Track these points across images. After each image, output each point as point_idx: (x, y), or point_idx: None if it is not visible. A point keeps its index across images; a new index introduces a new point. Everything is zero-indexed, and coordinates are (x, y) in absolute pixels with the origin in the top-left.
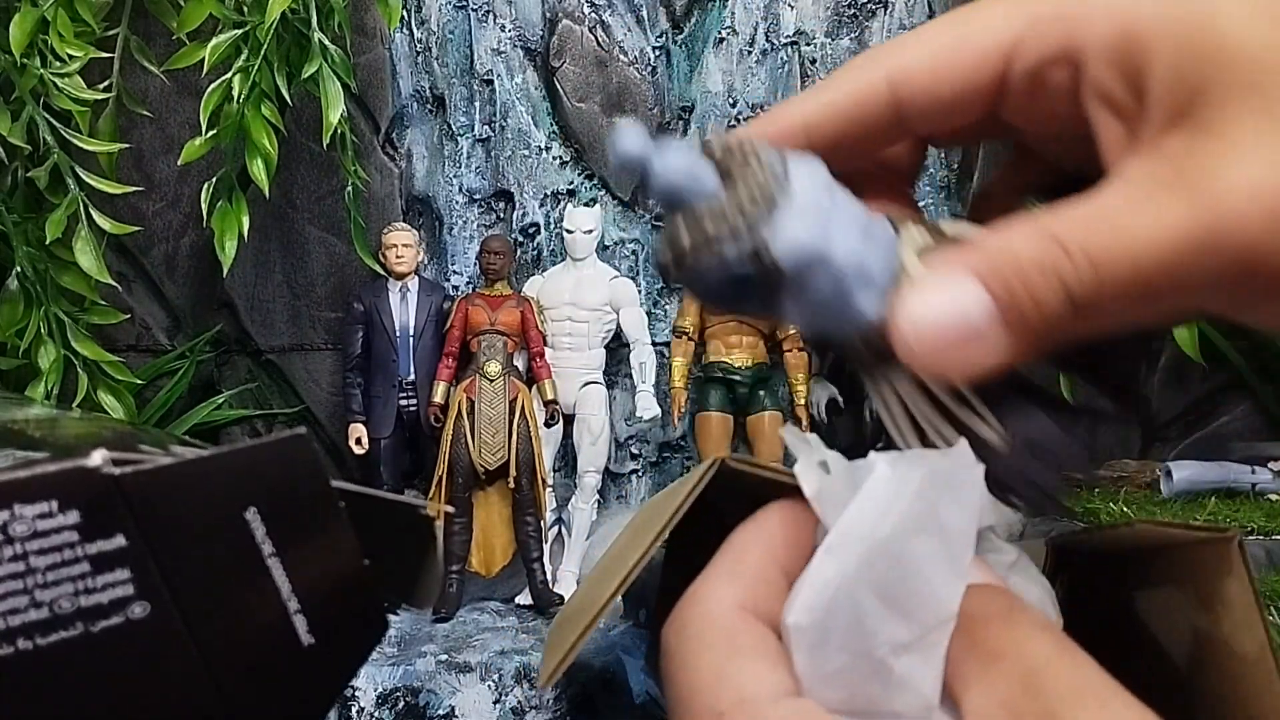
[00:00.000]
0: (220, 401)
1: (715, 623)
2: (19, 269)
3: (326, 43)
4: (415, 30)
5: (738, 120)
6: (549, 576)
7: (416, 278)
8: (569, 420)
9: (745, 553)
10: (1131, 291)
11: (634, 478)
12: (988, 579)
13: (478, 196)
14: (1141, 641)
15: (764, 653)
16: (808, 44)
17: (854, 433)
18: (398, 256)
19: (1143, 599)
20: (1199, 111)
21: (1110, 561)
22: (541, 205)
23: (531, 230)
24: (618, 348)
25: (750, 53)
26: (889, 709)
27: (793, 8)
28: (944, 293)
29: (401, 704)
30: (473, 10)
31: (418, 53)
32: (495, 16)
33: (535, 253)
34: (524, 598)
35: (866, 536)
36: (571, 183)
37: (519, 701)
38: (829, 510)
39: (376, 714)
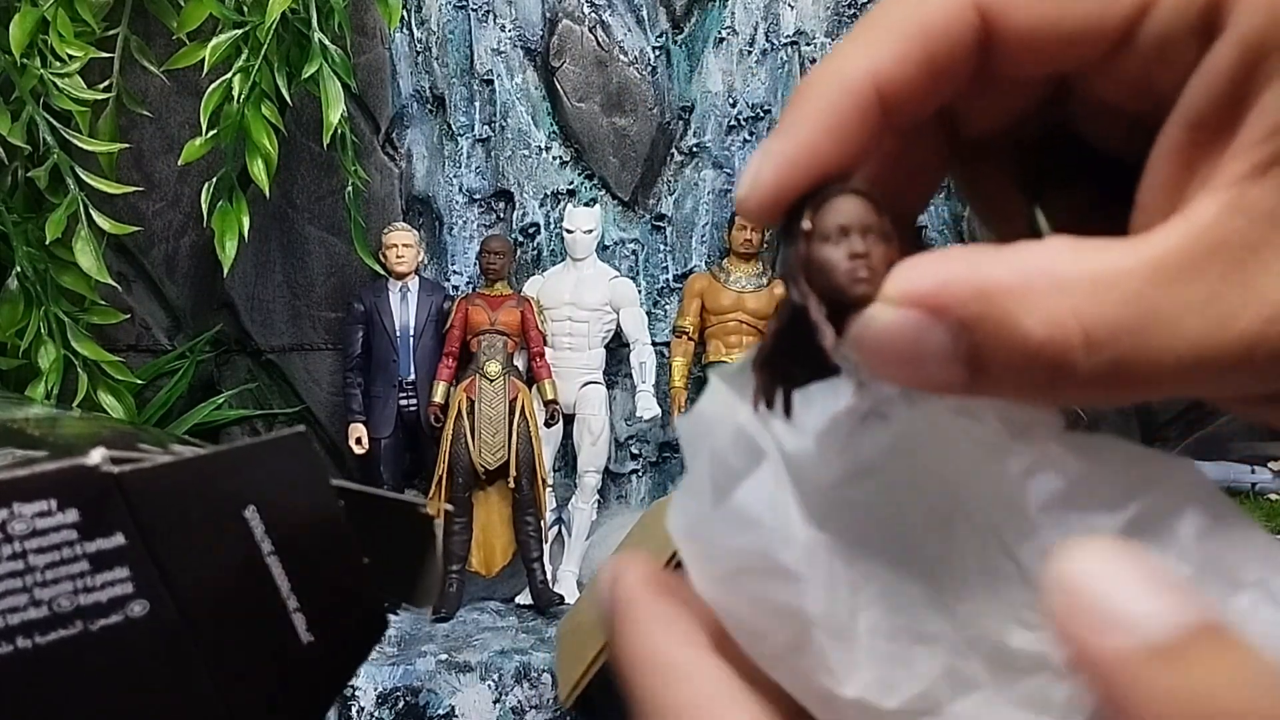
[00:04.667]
0: (220, 401)
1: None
2: (19, 269)
3: (326, 43)
4: (415, 30)
5: (738, 120)
6: (549, 576)
7: (417, 278)
8: (569, 420)
9: None
10: (1140, 390)
11: (634, 478)
12: None
13: (478, 196)
14: None
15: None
16: (808, 44)
17: None
18: (398, 256)
19: None
20: None
21: None
22: (541, 205)
23: (531, 230)
24: (618, 348)
25: (750, 53)
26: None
27: (793, 8)
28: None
29: (401, 704)
30: (473, 10)
31: (418, 53)
32: (495, 16)
33: (535, 253)
34: (524, 598)
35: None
36: (571, 183)
37: (519, 701)
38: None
39: (376, 714)
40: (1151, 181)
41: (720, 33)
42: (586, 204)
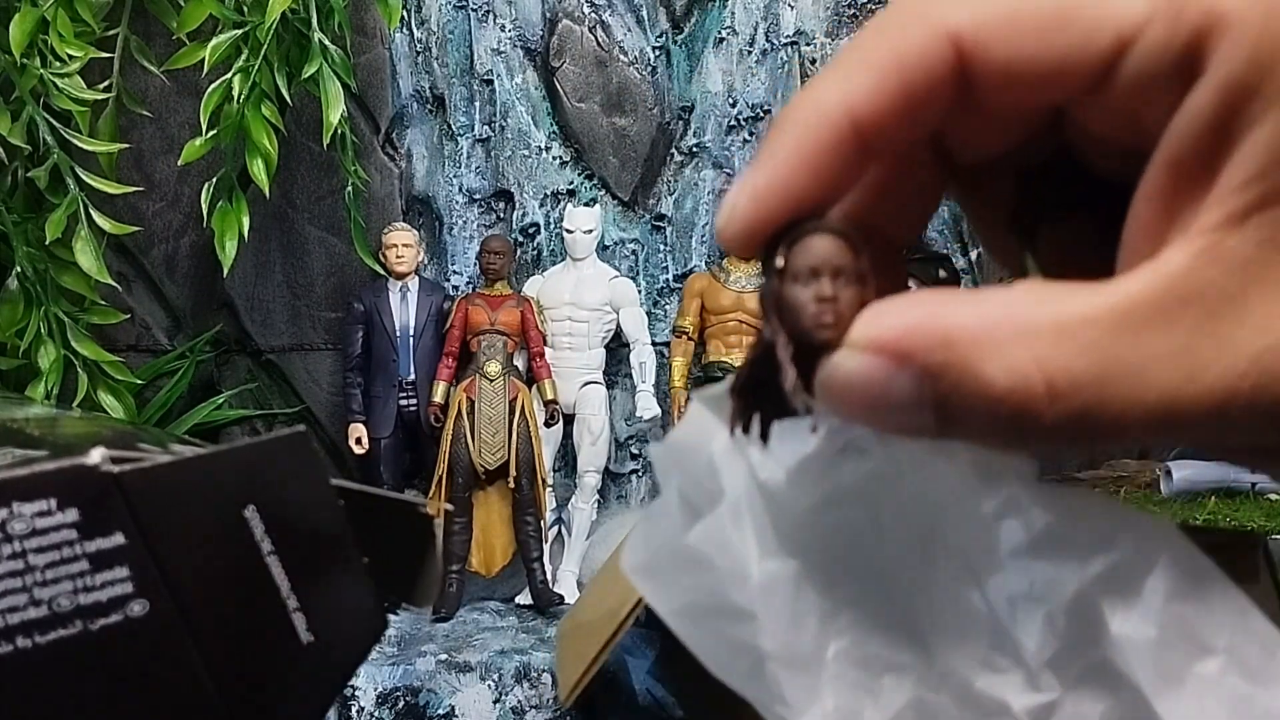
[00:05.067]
0: (220, 401)
1: None
2: (19, 269)
3: (326, 43)
4: (415, 30)
5: (738, 120)
6: (549, 576)
7: (416, 278)
8: (569, 420)
9: None
10: (1112, 438)
11: (634, 478)
12: None
13: (478, 196)
14: None
15: None
16: (808, 44)
17: None
18: (398, 256)
19: None
20: None
21: None
22: (541, 205)
23: (531, 230)
24: (618, 348)
25: (750, 53)
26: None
27: (793, 8)
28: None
29: (401, 704)
30: (473, 10)
31: (418, 53)
32: (495, 16)
33: (535, 253)
34: (524, 597)
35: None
36: (571, 183)
37: (519, 701)
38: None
39: (376, 713)
40: (1134, 222)
41: (720, 33)
42: (586, 204)
